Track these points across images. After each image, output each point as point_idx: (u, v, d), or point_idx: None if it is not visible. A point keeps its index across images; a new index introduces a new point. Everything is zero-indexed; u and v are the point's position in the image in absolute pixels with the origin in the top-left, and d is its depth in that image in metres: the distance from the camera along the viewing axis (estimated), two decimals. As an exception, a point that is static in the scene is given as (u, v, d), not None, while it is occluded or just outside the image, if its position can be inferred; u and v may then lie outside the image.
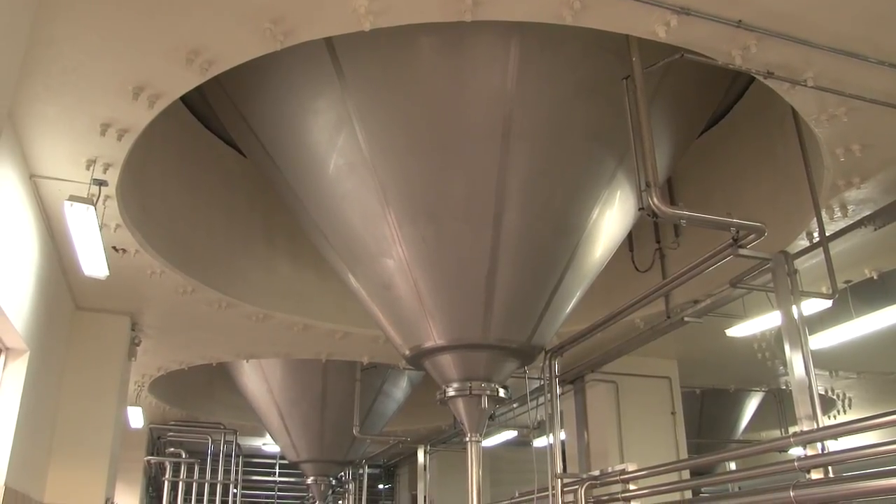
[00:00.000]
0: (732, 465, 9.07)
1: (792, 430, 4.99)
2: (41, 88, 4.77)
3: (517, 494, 8.13)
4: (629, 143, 4.88)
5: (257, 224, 8.78)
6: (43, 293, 6.77)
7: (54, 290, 7.36)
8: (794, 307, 5.22)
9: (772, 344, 9.48)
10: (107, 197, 5.93)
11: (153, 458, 15.74)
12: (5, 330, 6.03)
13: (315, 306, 8.96)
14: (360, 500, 15.94)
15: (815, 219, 5.99)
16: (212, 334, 9.55)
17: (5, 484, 6.29)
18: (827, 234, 6.04)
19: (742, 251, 5.02)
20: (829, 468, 4.63)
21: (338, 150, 5.53)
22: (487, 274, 5.62)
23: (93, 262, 6.31)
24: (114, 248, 6.80)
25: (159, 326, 9.30)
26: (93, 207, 5.40)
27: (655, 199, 4.62)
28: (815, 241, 6.37)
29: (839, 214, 6.22)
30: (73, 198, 5.34)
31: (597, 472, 6.87)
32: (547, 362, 7.24)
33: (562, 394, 8.40)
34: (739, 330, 8.14)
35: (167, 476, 14.44)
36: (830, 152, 5.43)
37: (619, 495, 6.51)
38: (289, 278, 8.98)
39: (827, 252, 5.90)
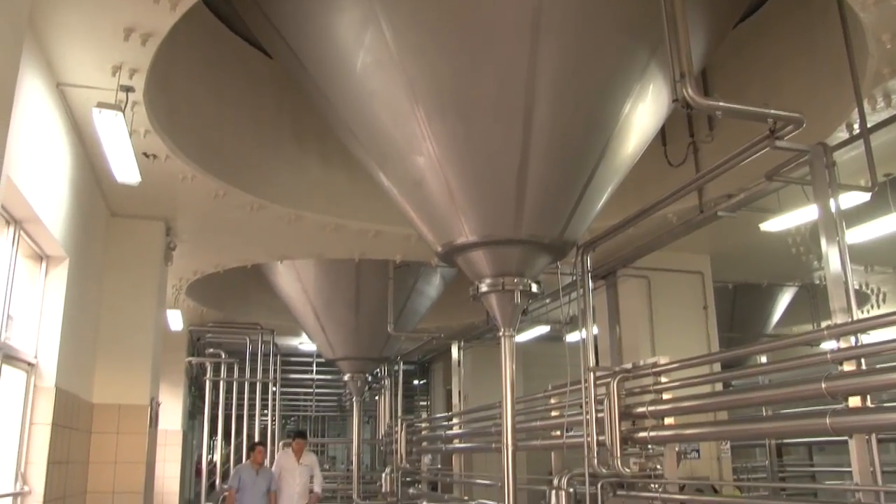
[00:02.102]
0: (764, 359, 9.12)
1: (824, 324, 4.97)
2: (61, -7, 4.71)
3: (550, 388, 8.28)
4: (662, 33, 4.71)
5: (286, 125, 8.73)
6: (78, 201, 6.85)
7: (88, 198, 7.44)
8: (831, 200, 5.13)
9: (807, 238, 9.39)
10: (134, 103, 5.91)
11: (194, 359, 16.23)
12: (44, 238, 6.15)
13: (346, 206, 8.99)
14: (396, 395, 16.39)
15: (855, 109, 5.80)
16: (245, 237, 9.67)
17: (56, 385, 6.53)
18: (868, 126, 5.86)
19: (779, 143, 4.89)
20: (863, 360, 4.63)
21: (365, 48, 5.42)
22: (518, 169, 5.55)
23: (124, 169, 6.35)
24: (144, 154, 6.82)
25: (193, 231, 9.42)
26: (121, 114, 5.40)
27: (690, 90, 4.49)
28: (855, 132, 6.20)
29: (882, 104, 6.02)
30: (100, 104, 5.34)
31: (629, 366, 6.94)
32: (579, 257, 7.22)
33: (594, 289, 8.41)
34: (774, 224, 8.06)
35: (208, 376, 14.91)
36: (876, 39, 5.21)
37: (651, 387, 6.58)
38: (319, 179, 8.99)
39: (867, 143, 5.74)
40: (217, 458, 15.91)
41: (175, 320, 13.26)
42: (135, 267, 8.82)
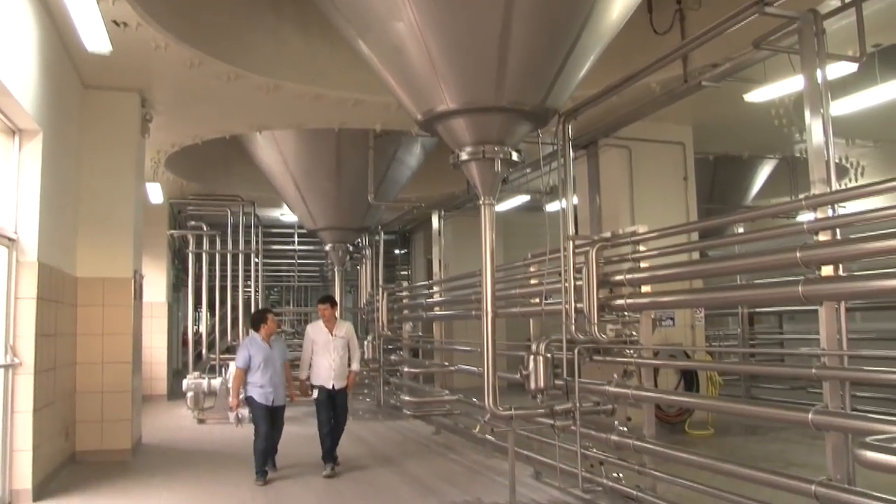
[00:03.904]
0: (741, 230, 9.27)
1: (802, 195, 5.00)
2: None
3: (529, 256, 8.37)
4: None
5: (262, -7, 8.43)
6: (48, 73, 6.66)
7: (59, 69, 7.23)
8: (818, 70, 5.06)
9: (790, 110, 9.34)
10: (101, -34, 5.67)
11: (176, 232, 16.25)
12: (15, 111, 6.01)
13: (326, 75, 8.82)
14: (377, 265, 16.57)
15: (849, -26, 5.65)
16: (223, 107, 9.51)
17: (38, 259, 6.54)
18: (863, -8, 5.72)
19: (768, 9, 4.79)
20: (838, 231, 4.69)
21: None
22: (500, 35, 5.40)
23: (94, 38, 6.16)
24: (114, 21, 6.60)
25: (169, 102, 9.24)
26: (86, -22, 5.18)
27: (679, -46, 4.36)
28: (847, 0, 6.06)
29: (878, -31, 5.86)
30: (65, -32, 5.11)
31: (608, 235, 7.01)
32: (560, 126, 7.15)
33: (575, 158, 8.36)
34: (758, 95, 7.99)
35: (191, 248, 14.92)
36: None
37: (629, 256, 6.67)
38: (298, 48, 8.77)
39: (860, 10, 5.62)
40: (203, 328, 16.13)
41: (155, 193, 13.18)
42: (111, 139, 8.69)
